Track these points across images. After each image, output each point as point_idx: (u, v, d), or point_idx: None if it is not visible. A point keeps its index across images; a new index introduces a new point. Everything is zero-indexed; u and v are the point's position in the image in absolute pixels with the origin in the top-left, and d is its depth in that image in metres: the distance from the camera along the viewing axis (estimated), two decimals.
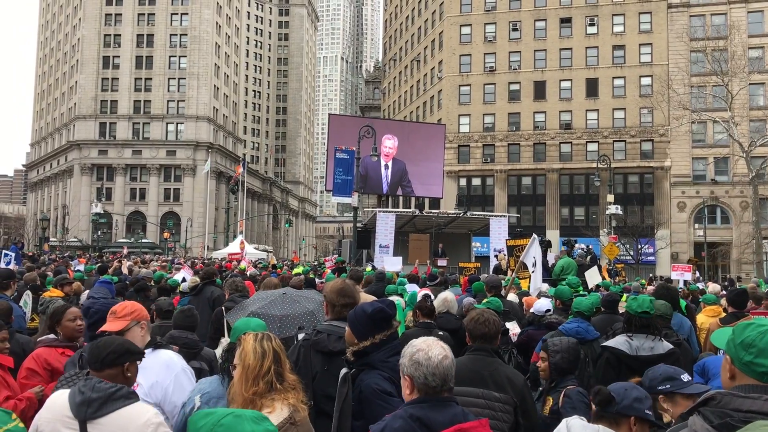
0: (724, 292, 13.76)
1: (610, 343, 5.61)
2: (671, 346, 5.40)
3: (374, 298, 8.72)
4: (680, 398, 3.66)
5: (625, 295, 11.35)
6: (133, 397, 3.30)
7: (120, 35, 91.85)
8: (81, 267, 19.12)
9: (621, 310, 8.10)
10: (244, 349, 3.20)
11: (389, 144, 43.15)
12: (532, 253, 10.61)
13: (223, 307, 7.24)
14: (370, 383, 3.60)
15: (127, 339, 3.83)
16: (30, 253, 30.76)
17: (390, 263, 20.80)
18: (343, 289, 4.52)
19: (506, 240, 24.08)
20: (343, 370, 3.69)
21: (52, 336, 5.28)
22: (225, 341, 5.05)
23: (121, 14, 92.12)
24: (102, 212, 63.81)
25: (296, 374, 3.36)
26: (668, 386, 3.68)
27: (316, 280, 12.06)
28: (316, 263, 38.46)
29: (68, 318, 5.26)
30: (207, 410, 2.19)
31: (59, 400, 3.31)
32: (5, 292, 7.77)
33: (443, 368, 2.96)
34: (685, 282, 20.82)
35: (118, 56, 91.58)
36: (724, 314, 8.36)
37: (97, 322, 4.63)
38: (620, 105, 61.56)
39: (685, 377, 3.73)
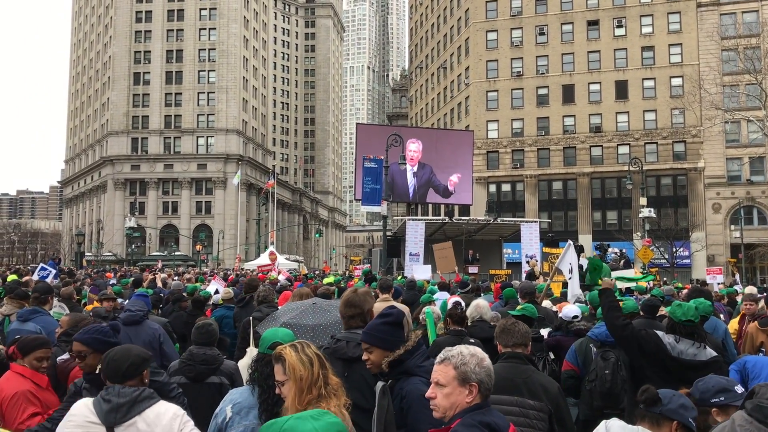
0: (763, 294, 13.49)
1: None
2: (715, 354, 5.27)
3: (405, 306, 8.72)
4: (734, 411, 3.58)
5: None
6: (155, 397, 3.51)
7: (150, 51, 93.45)
8: (111, 281, 19.39)
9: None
10: (290, 363, 3.15)
11: (413, 147, 43.08)
12: (568, 259, 10.41)
13: (251, 318, 7.31)
14: (412, 390, 3.63)
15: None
16: (67, 268, 31.31)
17: (419, 271, 20.75)
18: (348, 300, 4.62)
19: (542, 247, 23.92)
20: (379, 384, 3.70)
21: None
22: (251, 351, 5.09)
23: (150, 31, 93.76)
24: (135, 226, 64.77)
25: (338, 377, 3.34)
26: (722, 398, 3.58)
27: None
28: (346, 272, 38.54)
29: None
30: (271, 421, 2.27)
31: (79, 409, 3.45)
32: (44, 307, 7.90)
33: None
34: (719, 284, 20.55)
35: (149, 72, 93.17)
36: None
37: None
38: (651, 106, 60.80)
39: (739, 389, 3.63)
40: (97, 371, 4.08)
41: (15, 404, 4.52)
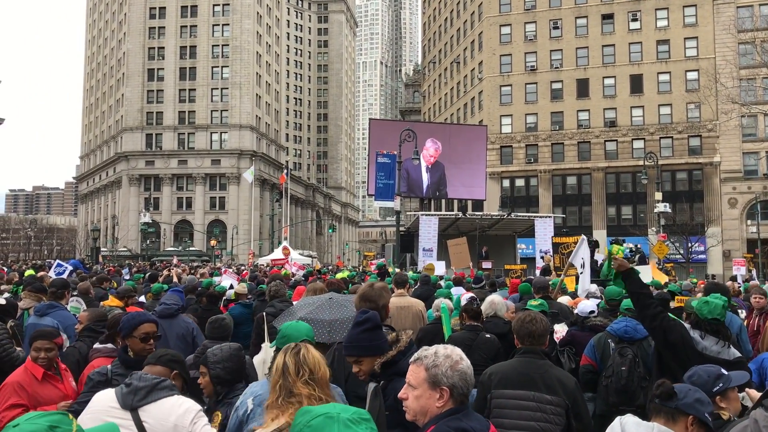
0: None
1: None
2: (738, 354, 5.21)
3: (420, 301, 8.72)
4: (730, 392, 3.66)
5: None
6: (174, 390, 3.63)
7: (164, 48, 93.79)
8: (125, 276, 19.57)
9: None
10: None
11: (431, 149, 43.08)
12: (581, 254, 10.34)
13: (265, 313, 7.34)
14: None
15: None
16: (86, 265, 31.60)
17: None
18: (364, 294, 4.63)
19: (552, 237, 23.87)
20: (371, 385, 3.68)
21: (110, 346, 5.36)
22: (266, 347, 5.10)
23: (164, 27, 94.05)
24: (150, 222, 65.14)
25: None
26: (722, 385, 3.61)
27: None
28: (360, 267, 38.55)
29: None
30: (306, 407, 2.20)
31: (101, 397, 3.59)
32: (60, 302, 7.98)
33: (472, 376, 2.97)
34: (744, 279, 20.54)
35: (163, 68, 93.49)
36: None
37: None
38: (666, 101, 60.33)
39: (725, 371, 3.70)
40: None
41: (1, 393, 4.75)
